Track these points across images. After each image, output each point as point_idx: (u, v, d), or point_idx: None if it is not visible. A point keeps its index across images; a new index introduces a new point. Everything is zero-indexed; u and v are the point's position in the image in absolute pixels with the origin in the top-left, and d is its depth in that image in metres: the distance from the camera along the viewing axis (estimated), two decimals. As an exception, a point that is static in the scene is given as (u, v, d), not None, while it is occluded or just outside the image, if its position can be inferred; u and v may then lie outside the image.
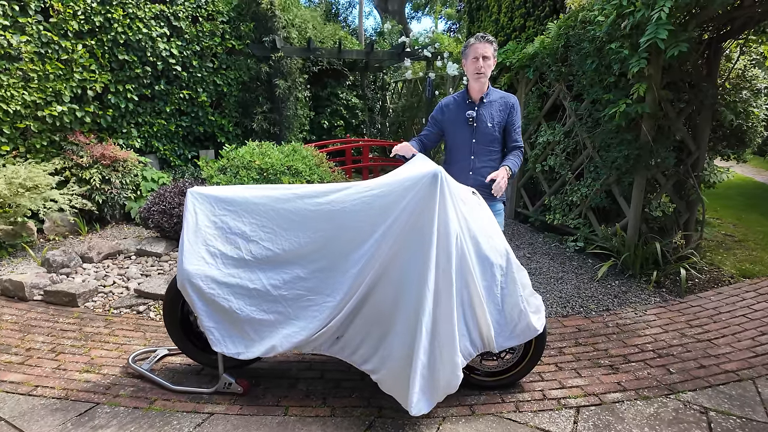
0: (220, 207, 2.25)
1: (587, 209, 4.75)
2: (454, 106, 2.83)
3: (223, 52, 7.21)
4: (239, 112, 7.66)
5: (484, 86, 2.75)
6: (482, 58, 2.65)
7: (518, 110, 2.81)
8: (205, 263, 2.17)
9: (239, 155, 4.90)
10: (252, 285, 2.14)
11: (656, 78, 3.85)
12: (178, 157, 7.08)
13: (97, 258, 4.49)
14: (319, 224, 2.15)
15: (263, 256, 2.19)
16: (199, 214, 2.25)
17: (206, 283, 2.14)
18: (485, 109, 2.75)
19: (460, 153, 2.79)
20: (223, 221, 2.23)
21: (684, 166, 4.23)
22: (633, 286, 3.97)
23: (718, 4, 3.26)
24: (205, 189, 2.32)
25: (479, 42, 2.66)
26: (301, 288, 2.13)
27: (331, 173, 5.37)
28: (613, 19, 3.72)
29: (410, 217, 1.99)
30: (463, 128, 2.77)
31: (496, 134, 2.76)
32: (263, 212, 2.21)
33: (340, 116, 9.95)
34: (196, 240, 2.21)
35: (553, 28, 4.84)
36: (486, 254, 2.13)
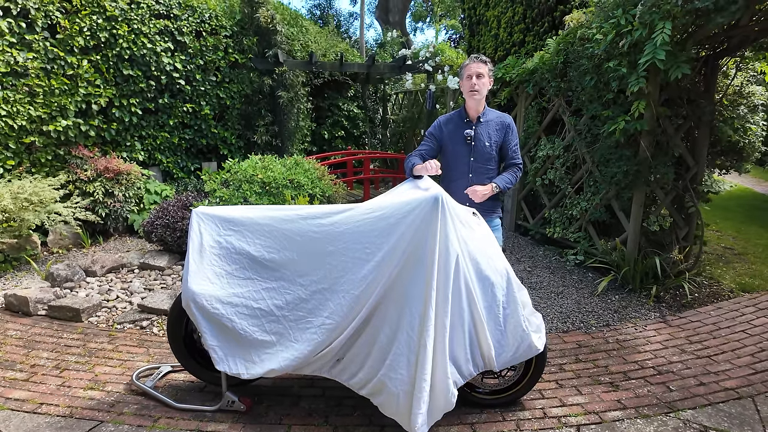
0: (225, 227, 2.29)
1: (587, 223, 4.78)
2: (452, 125, 2.88)
3: (226, 66, 7.29)
4: (242, 124, 7.72)
5: (479, 105, 2.81)
6: (476, 76, 2.73)
7: (514, 130, 2.87)
8: (210, 283, 2.20)
9: (242, 169, 4.95)
10: (256, 305, 2.17)
11: (654, 95, 3.90)
12: (181, 170, 7.13)
13: (100, 272, 4.52)
14: (321, 245, 2.18)
15: (268, 276, 2.22)
16: (204, 234, 2.29)
17: (210, 302, 2.17)
18: (482, 129, 2.82)
19: (458, 171, 2.84)
20: (228, 241, 2.26)
21: (683, 181, 4.27)
22: (633, 301, 3.99)
23: (714, 24, 3.31)
24: (210, 209, 2.36)
25: (473, 62, 2.75)
26: (302, 309, 2.16)
27: (332, 185, 5.41)
28: (612, 38, 3.78)
29: (411, 240, 2.03)
30: (461, 146, 2.82)
31: (493, 153, 2.82)
32: (267, 233, 2.24)
33: (341, 127, 10.03)
34: (201, 260, 2.24)
35: (552, 45, 4.91)
36: (486, 274, 2.16)
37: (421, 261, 2.02)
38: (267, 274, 2.21)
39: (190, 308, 2.20)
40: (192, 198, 5.15)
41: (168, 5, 6.65)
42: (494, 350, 2.18)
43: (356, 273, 2.15)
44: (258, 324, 2.16)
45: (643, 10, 3.48)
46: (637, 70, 3.56)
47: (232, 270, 2.22)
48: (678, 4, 3.29)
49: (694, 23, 3.52)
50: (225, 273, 2.21)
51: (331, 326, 2.14)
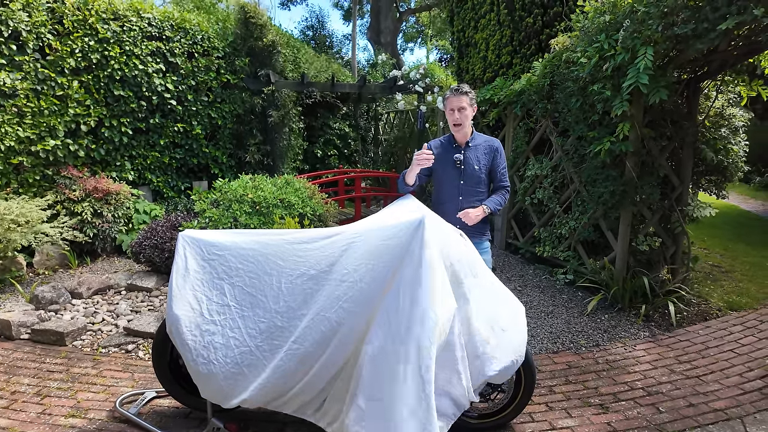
0: (210, 251, 2.27)
1: (576, 242, 4.81)
2: (441, 149, 2.93)
3: (218, 86, 7.35)
4: (233, 143, 7.74)
5: (466, 134, 2.88)
6: (458, 110, 2.79)
7: (502, 153, 2.93)
8: (191, 309, 2.18)
9: (232, 189, 4.94)
10: (231, 334, 2.14)
11: (638, 117, 3.98)
12: (172, 189, 7.11)
13: (86, 293, 4.46)
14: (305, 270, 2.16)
15: (246, 303, 2.20)
16: (189, 258, 2.27)
17: (190, 329, 2.14)
18: (471, 153, 2.88)
19: (448, 194, 2.89)
20: (212, 266, 2.25)
21: (669, 201, 4.33)
22: (622, 320, 4.00)
23: (694, 50, 3.40)
24: (196, 233, 2.35)
25: (453, 95, 2.81)
26: (279, 338, 2.12)
27: (323, 204, 5.41)
28: (596, 62, 3.86)
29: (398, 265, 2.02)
30: (451, 170, 2.88)
31: (482, 176, 2.88)
32: (251, 257, 2.23)
33: (333, 146, 10.09)
34: (185, 284, 2.23)
35: (538, 67, 5.01)
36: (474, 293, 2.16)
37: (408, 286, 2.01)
38: (245, 301, 2.18)
39: (173, 334, 2.17)
40: (181, 218, 5.12)
41: (160, 27, 6.73)
42: None
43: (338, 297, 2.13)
44: (231, 355, 2.13)
45: (625, 35, 3.57)
46: (621, 93, 3.64)
47: (213, 296, 2.20)
48: (658, 30, 3.38)
49: (675, 48, 3.61)
50: (206, 299, 2.19)
51: (299, 352, 2.08)
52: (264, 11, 7.70)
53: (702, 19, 3.19)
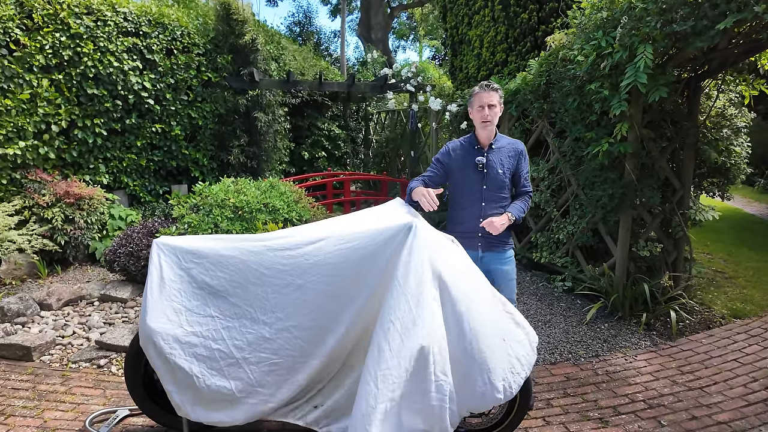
0: (187, 259, 2.25)
1: (574, 247, 4.84)
2: (461, 151, 2.87)
3: (198, 85, 7.31)
4: (215, 145, 7.70)
5: (492, 133, 2.82)
6: (488, 107, 2.73)
7: (527, 157, 2.89)
8: (168, 321, 2.15)
9: (213, 193, 4.90)
10: (215, 345, 2.11)
11: (637, 117, 4.01)
12: (149, 193, 7.05)
13: (56, 305, 4.39)
14: (290, 279, 2.15)
15: (230, 313, 2.18)
16: (165, 266, 2.24)
17: (168, 342, 2.11)
18: (495, 155, 2.81)
19: (470, 199, 2.82)
20: (190, 274, 2.22)
21: (669, 204, 4.37)
22: (623, 329, 4.01)
23: (694, 47, 3.45)
24: (171, 239, 2.32)
25: (484, 91, 2.75)
26: (266, 350, 2.11)
27: (310, 209, 5.39)
28: (593, 60, 3.90)
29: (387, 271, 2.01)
30: (473, 174, 2.80)
31: (506, 181, 2.81)
32: (232, 265, 2.21)
33: (321, 147, 10.08)
34: (161, 295, 2.19)
35: (534, 65, 5.05)
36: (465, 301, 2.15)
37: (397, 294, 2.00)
38: (229, 312, 2.16)
39: (147, 348, 2.14)
40: (159, 224, 5.07)
41: (137, 23, 6.68)
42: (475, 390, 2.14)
43: (328, 308, 2.12)
44: (216, 367, 2.10)
45: (623, 33, 3.61)
46: (619, 92, 3.67)
47: (193, 306, 2.17)
48: (657, 27, 3.42)
49: (674, 46, 3.66)
50: (185, 309, 2.16)
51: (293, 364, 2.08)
52: (247, 6, 7.69)
53: (701, 16, 3.23)
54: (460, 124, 6.84)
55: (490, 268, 2.83)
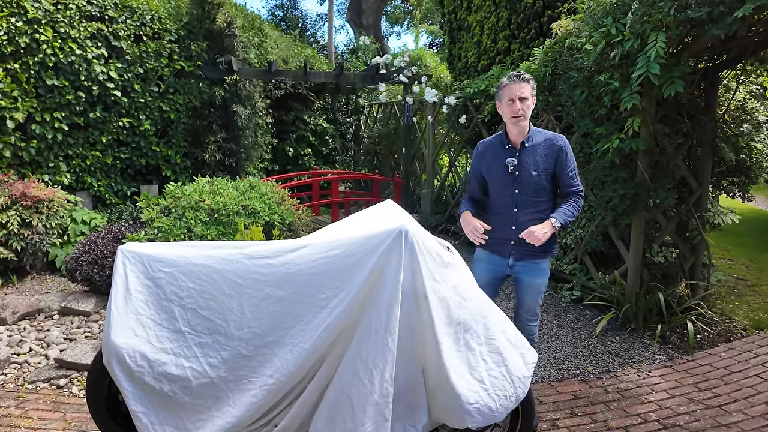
0: (155, 268, 2.24)
1: (583, 253, 4.88)
2: (491, 152, 2.84)
3: (170, 75, 7.31)
4: (189, 141, 7.70)
5: (524, 129, 2.76)
6: (519, 100, 2.67)
7: (569, 152, 2.77)
8: (135, 336, 2.14)
9: (186, 194, 4.91)
10: (187, 363, 2.11)
11: (650, 111, 4.06)
12: (116, 194, 7.03)
13: (11, 319, 4.36)
14: (269, 290, 2.15)
15: (202, 328, 2.17)
16: (131, 276, 2.24)
17: (135, 359, 2.10)
18: (528, 155, 2.74)
19: (502, 205, 2.80)
20: (158, 285, 2.22)
21: (686, 206, 4.42)
22: (635, 343, 4.05)
23: (710, 35, 3.49)
24: (138, 246, 2.31)
25: (513, 82, 2.69)
26: (244, 368, 2.11)
27: (294, 211, 5.41)
28: (602, 48, 3.94)
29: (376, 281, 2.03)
30: (504, 177, 2.77)
31: (543, 183, 2.73)
32: (205, 275, 2.20)
33: (307, 143, 10.10)
34: (126, 307, 2.19)
35: (538, 55, 5.09)
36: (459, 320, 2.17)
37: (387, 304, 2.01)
38: (201, 326, 2.16)
39: (112, 366, 2.13)
40: (126, 229, 5.06)
41: (102, 6, 6.67)
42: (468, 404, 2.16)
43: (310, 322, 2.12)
44: (189, 387, 2.10)
45: (634, 19, 3.65)
46: (630, 84, 3.71)
47: (161, 320, 2.17)
48: (670, 14, 3.47)
49: (689, 34, 3.71)
50: (153, 324, 2.16)
51: (274, 386, 2.08)
52: (224, -13, 7.70)
53: (718, 1, 3.28)
54: (459, 118, 6.88)
55: (520, 277, 2.83)
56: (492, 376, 2.22)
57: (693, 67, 4.23)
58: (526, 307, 2.89)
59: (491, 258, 2.88)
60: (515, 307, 2.98)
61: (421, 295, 2.05)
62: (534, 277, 2.81)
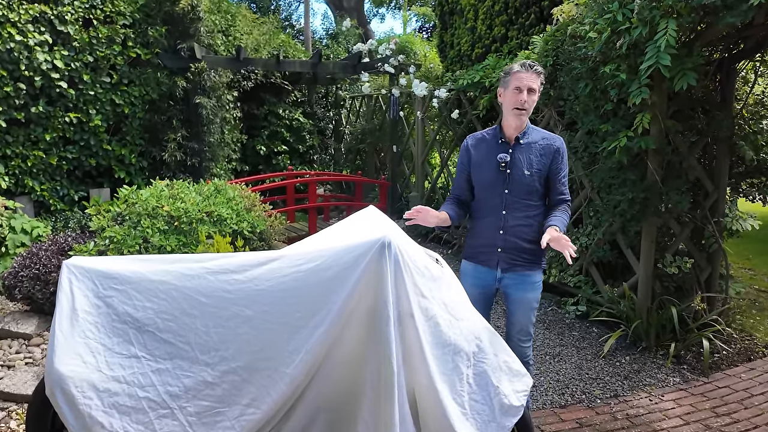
0: (106, 286, 2.24)
1: (589, 264, 4.94)
2: (483, 146, 2.89)
3: (124, 64, 7.29)
4: (145, 138, 7.68)
5: (523, 124, 2.81)
6: (527, 91, 2.70)
7: (565, 156, 2.84)
8: (83, 362, 2.13)
9: (142, 199, 4.89)
10: (142, 393, 2.10)
11: (661, 106, 4.14)
12: (61, 200, 6.98)
13: (-61, 343, 4.30)
14: (236, 309, 2.16)
15: (161, 353, 2.17)
16: (78, 294, 2.23)
17: (82, 390, 2.09)
18: (522, 153, 2.79)
19: (489, 206, 2.84)
20: (110, 305, 2.21)
21: (701, 210, 4.51)
22: (647, 363, 4.12)
23: (725, 23, 3.58)
24: (86, 261, 2.31)
25: (526, 71, 2.71)
26: (208, 397, 2.10)
27: (266, 218, 5.41)
28: (607, 37, 4.02)
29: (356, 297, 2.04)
30: (494, 175, 2.81)
31: (535, 185, 2.78)
32: (163, 292, 2.20)
33: (281, 140, 10.10)
34: (72, 331, 2.18)
35: (538, 43, 5.17)
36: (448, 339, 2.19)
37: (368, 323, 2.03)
38: (159, 350, 2.15)
39: (56, 398, 2.11)
40: (73, 239, 5.02)
41: (46, -15, 6.64)
42: None
43: (285, 344, 2.13)
44: (145, 421, 2.09)
45: (642, 5, 3.73)
46: (638, 76, 3.79)
47: (113, 344, 2.16)
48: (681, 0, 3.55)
49: (702, 21, 3.80)
50: (103, 348, 2.15)
51: (254, 416, 2.09)
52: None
53: (732, -14, 3.37)
54: (451, 113, 6.94)
55: (509, 292, 2.87)
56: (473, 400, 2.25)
57: (707, 57, 4.32)
58: (517, 326, 2.92)
59: (477, 270, 2.92)
60: (506, 326, 3.01)
61: (406, 315, 2.07)
62: (524, 291, 2.84)
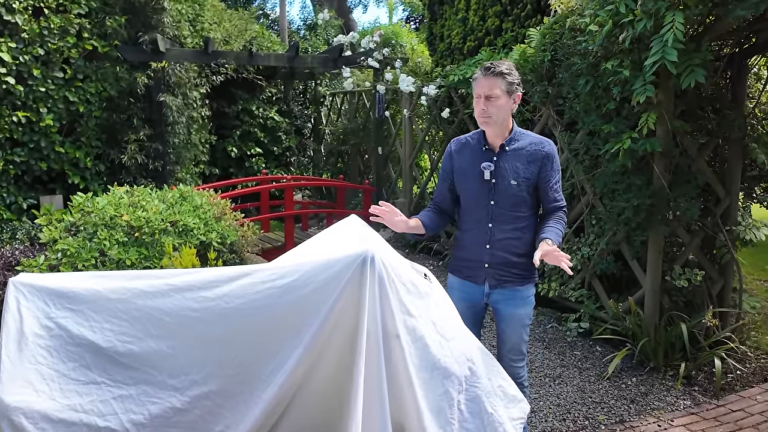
0: (59, 305, 2.23)
1: (591, 276, 4.99)
2: (467, 153, 2.89)
3: (79, 57, 7.27)
4: (102, 140, 7.66)
5: (505, 130, 2.81)
6: (485, 98, 2.69)
7: (556, 161, 2.84)
8: (34, 391, 2.12)
9: (98, 208, 4.86)
10: (103, 423, 2.09)
11: (668, 105, 4.21)
12: (8, 208, 6.93)
13: None
14: (205, 329, 2.16)
15: (123, 378, 2.16)
16: (27, 315, 2.21)
17: (34, 421, 2.08)
18: (508, 161, 2.80)
19: (474, 219, 2.85)
20: (63, 327, 2.20)
21: (712, 218, 4.58)
22: (655, 385, 4.16)
23: (735, 16, 3.66)
24: (35, 278, 2.30)
25: (482, 76, 2.71)
26: (178, 425, 2.11)
27: (238, 228, 5.40)
28: (609, 30, 4.09)
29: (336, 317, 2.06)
30: (478, 185, 2.82)
31: (523, 195, 2.79)
32: (123, 312, 2.20)
33: (255, 141, 10.09)
34: (21, 356, 2.16)
35: (535, 36, 5.24)
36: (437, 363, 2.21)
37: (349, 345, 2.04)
38: (121, 375, 2.15)
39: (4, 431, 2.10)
40: (20, 253, 4.97)
41: (-9, -30, 6.60)
42: None
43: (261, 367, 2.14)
44: None
45: (647, -5, 3.81)
46: (643, 73, 3.85)
47: (69, 370, 2.14)
48: (688, -10, 3.63)
49: (711, 14, 3.88)
50: (57, 375, 2.13)
51: None
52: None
53: (742, -23, 3.45)
54: (441, 112, 6.99)
55: (499, 308, 2.90)
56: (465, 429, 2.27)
57: (717, 52, 4.41)
58: (509, 344, 2.93)
59: (464, 286, 2.94)
60: (497, 345, 3.03)
61: (391, 335, 2.08)
62: (515, 307, 2.86)
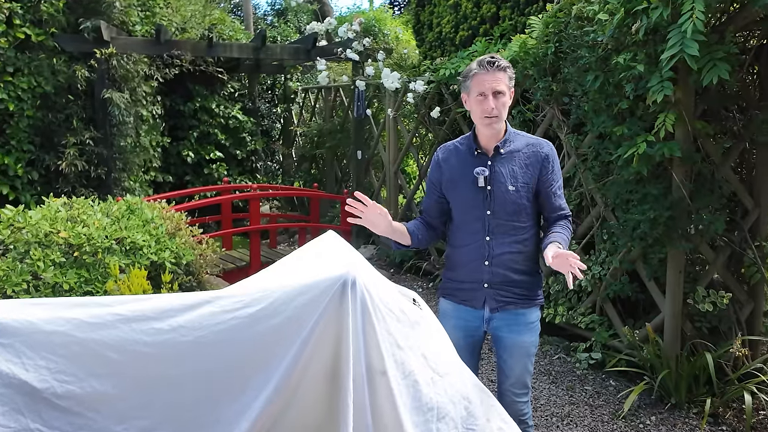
0: (-15, 339, 2.20)
1: (604, 300, 5.02)
2: (455, 160, 2.91)
3: (9, 48, 7.25)
4: (36, 143, 7.63)
5: (499, 132, 2.84)
6: (493, 95, 2.71)
7: (555, 162, 2.89)
8: (-46, 440, 2.10)
9: (30, 223, 4.82)
10: (39, 479, 2.08)
11: (688, 104, 4.26)
12: (-75, 223, 6.82)
13: None
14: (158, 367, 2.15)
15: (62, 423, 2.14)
16: (-53, 351, 2.19)
17: (-46, 475, 2.05)
18: (503, 165, 2.82)
19: (469, 232, 2.86)
20: (-11, 364, 2.18)
21: (739, 233, 4.62)
22: (677, 424, 4.19)
23: (760, 5, 3.73)
24: (-43, 307, 2.27)
25: (485, 71, 2.71)
26: None
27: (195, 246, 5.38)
28: (621, 19, 4.14)
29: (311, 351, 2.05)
30: (472, 194, 2.83)
31: (522, 202, 2.81)
32: (61, 347, 2.18)
33: (215, 144, 10.07)
34: (-60, 399, 2.14)
35: (537, 26, 5.29)
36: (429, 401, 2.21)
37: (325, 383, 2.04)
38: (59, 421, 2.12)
39: None
40: (-61, 276, 4.90)
41: None
42: None
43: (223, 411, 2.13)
44: None
45: (662, -20, 3.87)
46: (659, 68, 3.90)
47: (-3, 415, 2.13)
48: (708, -25, 3.69)
49: (734, 1, 3.95)
50: (-18, 421, 2.11)
51: None
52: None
53: (768, -40, 3.52)
54: (431, 111, 7.02)
55: (500, 335, 2.89)
56: None
57: (742, 44, 4.47)
58: (512, 377, 2.93)
59: (459, 311, 2.94)
60: (497, 377, 3.03)
61: (377, 372, 2.08)
62: (519, 333, 2.86)
